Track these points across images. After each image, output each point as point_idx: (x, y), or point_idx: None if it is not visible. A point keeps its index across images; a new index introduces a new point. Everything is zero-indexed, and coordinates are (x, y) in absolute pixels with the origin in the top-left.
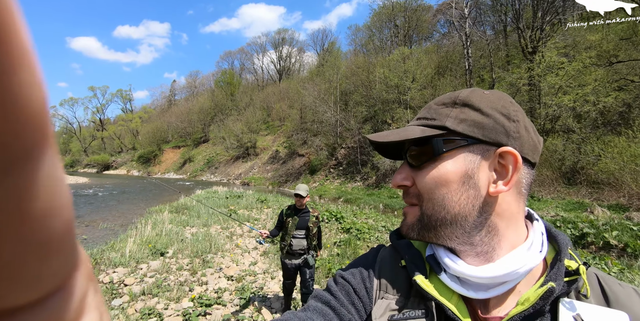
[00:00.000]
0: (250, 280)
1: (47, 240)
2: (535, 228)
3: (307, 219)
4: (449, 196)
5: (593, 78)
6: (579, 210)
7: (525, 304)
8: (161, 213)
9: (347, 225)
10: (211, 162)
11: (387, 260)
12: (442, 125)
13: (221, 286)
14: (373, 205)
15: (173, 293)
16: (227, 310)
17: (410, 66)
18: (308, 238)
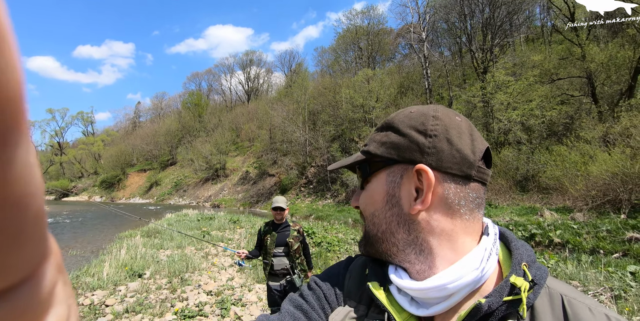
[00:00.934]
0: (228, 293)
1: (18, 227)
2: (481, 244)
3: (286, 234)
4: (377, 214)
5: (539, 94)
6: (530, 214)
7: (459, 317)
8: (133, 238)
9: (318, 240)
10: (179, 185)
11: (357, 269)
12: (367, 150)
13: (201, 301)
14: (343, 221)
15: (156, 309)
16: (210, 320)
17: (374, 86)
18: (289, 255)
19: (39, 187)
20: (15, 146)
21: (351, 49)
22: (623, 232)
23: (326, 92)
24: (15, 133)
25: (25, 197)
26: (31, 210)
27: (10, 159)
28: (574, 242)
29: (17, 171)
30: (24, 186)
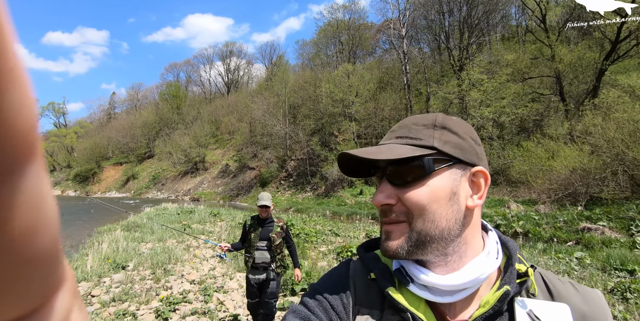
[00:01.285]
0: (211, 282)
1: (30, 257)
2: (491, 237)
3: (270, 229)
4: (439, 211)
5: (511, 92)
6: (499, 206)
7: (486, 306)
8: (113, 232)
9: (296, 231)
10: (157, 178)
11: (359, 275)
12: (431, 145)
13: (185, 289)
14: (322, 213)
15: (142, 297)
16: (194, 305)
17: (353, 81)
18: (271, 250)
19: (51, 216)
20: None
21: (332, 43)
22: (577, 222)
23: (307, 86)
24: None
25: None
26: (43, 240)
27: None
28: (534, 232)
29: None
30: (35, 216)
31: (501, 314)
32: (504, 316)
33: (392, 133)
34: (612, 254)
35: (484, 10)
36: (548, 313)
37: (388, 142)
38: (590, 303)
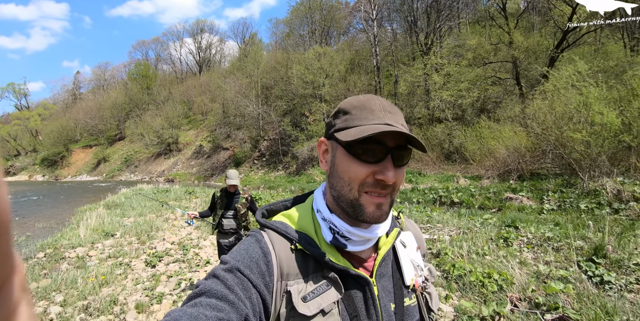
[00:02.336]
0: (188, 242)
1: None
2: None
3: (236, 200)
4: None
5: (472, 76)
6: (449, 181)
7: (387, 244)
8: (96, 210)
9: (263, 203)
10: (130, 160)
11: (280, 247)
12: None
13: (167, 247)
14: (290, 189)
15: (132, 254)
16: (175, 257)
17: (324, 64)
18: (236, 218)
19: (4, 204)
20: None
21: (305, 23)
22: (503, 193)
23: (279, 66)
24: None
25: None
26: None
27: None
28: (467, 201)
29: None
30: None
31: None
32: (390, 248)
33: (395, 117)
34: (511, 216)
35: None
36: (405, 238)
37: (401, 128)
38: (416, 227)
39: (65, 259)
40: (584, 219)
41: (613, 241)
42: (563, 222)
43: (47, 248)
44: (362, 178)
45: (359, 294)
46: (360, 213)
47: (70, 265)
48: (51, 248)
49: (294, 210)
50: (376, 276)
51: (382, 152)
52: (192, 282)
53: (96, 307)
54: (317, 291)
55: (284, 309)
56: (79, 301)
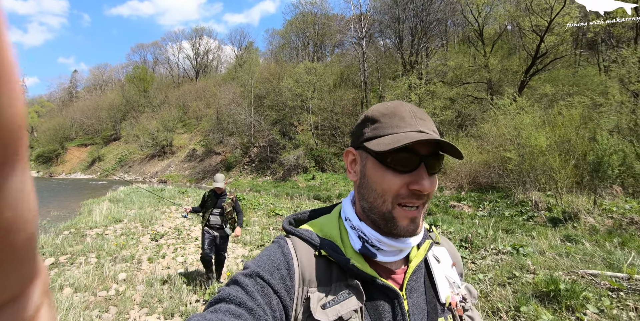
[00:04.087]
0: (181, 227)
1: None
2: None
3: (222, 200)
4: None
5: (452, 94)
6: None
7: (419, 257)
8: (101, 203)
9: (246, 202)
10: (124, 160)
11: (303, 254)
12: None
13: (165, 230)
14: (273, 193)
15: (139, 233)
16: (171, 236)
17: (312, 78)
18: (222, 215)
19: (31, 214)
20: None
21: (299, 37)
22: (449, 201)
23: (271, 78)
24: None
25: (18, 222)
26: (23, 234)
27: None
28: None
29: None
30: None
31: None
32: (422, 262)
33: (426, 124)
34: (440, 218)
35: (433, 18)
36: (439, 253)
37: (433, 134)
38: (451, 245)
39: (87, 236)
40: (499, 223)
41: (475, 234)
42: (477, 224)
43: (70, 228)
44: (396, 190)
45: (387, 307)
46: (394, 227)
47: (92, 239)
48: (73, 229)
49: (321, 219)
50: (406, 289)
51: (416, 160)
52: (184, 249)
53: (121, 259)
54: (338, 300)
55: (301, 315)
56: (107, 256)
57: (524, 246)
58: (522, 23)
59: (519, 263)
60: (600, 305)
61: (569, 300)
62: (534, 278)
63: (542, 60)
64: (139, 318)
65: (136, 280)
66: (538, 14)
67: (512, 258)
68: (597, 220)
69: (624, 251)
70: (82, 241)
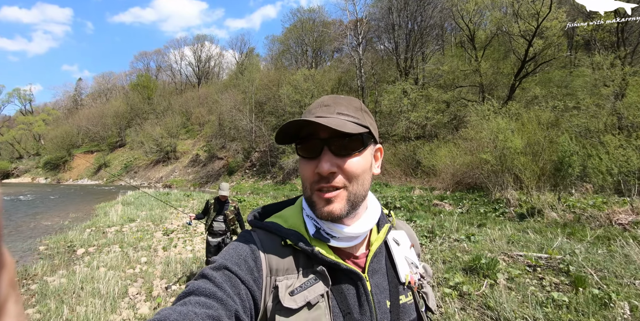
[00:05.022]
0: (187, 225)
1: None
2: (370, 194)
3: (226, 207)
4: (367, 177)
5: (449, 96)
6: (407, 191)
7: (378, 241)
8: (114, 206)
9: (246, 203)
10: (129, 166)
11: (269, 245)
12: (366, 125)
13: (175, 227)
14: (272, 195)
15: (152, 230)
16: (180, 231)
17: (310, 85)
18: (225, 222)
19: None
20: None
21: (297, 44)
22: (432, 200)
23: (271, 85)
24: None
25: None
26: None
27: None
28: (405, 206)
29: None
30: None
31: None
32: (382, 245)
33: (330, 108)
34: (419, 214)
35: (427, 24)
36: (399, 237)
37: (333, 116)
38: (409, 228)
39: (107, 232)
40: (474, 218)
41: (440, 227)
42: (448, 219)
43: (91, 227)
44: (309, 176)
45: (352, 290)
46: (315, 210)
47: (113, 235)
48: (94, 227)
49: (285, 211)
50: (368, 272)
51: (318, 145)
52: (192, 241)
53: (140, 248)
54: (305, 286)
55: (270, 303)
56: (128, 247)
57: (475, 235)
58: (511, 28)
59: (466, 247)
60: (509, 275)
61: (486, 271)
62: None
63: (531, 64)
64: (160, 285)
65: (155, 261)
66: (525, 20)
67: (463, 244)
68: (559, 214)
69: (567, 240)
70: (104, 237)
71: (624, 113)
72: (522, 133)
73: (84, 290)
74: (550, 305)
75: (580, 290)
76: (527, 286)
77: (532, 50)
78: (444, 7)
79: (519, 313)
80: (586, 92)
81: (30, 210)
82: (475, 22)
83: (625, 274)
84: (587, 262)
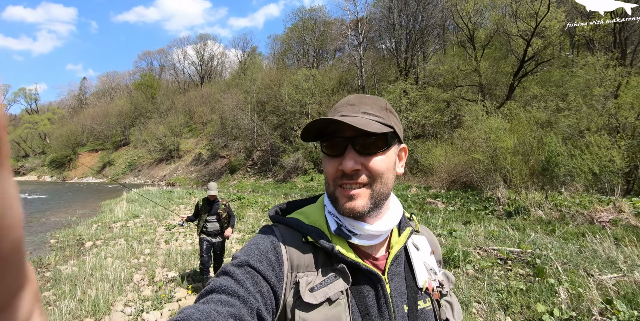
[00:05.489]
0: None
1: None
2: (392, 195)
3: (217, 207)
4: (390, 176)
5: (449, 95)
6: (405, 190)
7: (400, 243)
8: (120, 203)
9: (245, 201)
10: (133, 165)
11: (290, 240)
12: (390, 125)
13: (176, 223)
14: (271, 193)
15: (155, 225)
16: (179, 227)
17: (310, 85)
18: (220, 221)
19: (15, 219)
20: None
21: (299, 44)
22: (426, 198)
23: (272, 84)
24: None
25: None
26: (8, 242)
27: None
28: None
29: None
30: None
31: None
32: (402, 249)
33: (355, 107)
34: (411, 211)
35: (427, 24)
36: (419, 242)
37: (358, 115)
38: (430, 234)
39: (113, 227)
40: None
41: (427, 223)
42: (436, 216)
43: (98, 222)
44: (333, 173)
45: (371, 291)
46: (337, 206)
47: (118, 229)
48: (100, 222)
49: (307, 208)
50: (388, 274)
51: (342, 143)
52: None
53: (143, 241)
54: (325, 282)
55: (290, 298)
56: (133, 240)
57: (456, 231)
58: (509, 28)
59: (443, 241)
60: (479, 266)
61: (458, 262)
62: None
63: (531, 63)
64: (162, 273)
65: (158, 253)
66: (524, 20)
67: (442, 238)
68: (546, 212)
69: (547, 236)
70: (110, 231)
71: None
72: (513, 133)
73: (93, 276)
74: (506, 292)
75: (538, 280)
76: (493, 276)
77: (531, 50)
78: (445, 7)
79: (475, 297)
80: (577, 92)
81: (39, 207)
82: (474, 22)
83: (588, 267)
84: (556, 256)
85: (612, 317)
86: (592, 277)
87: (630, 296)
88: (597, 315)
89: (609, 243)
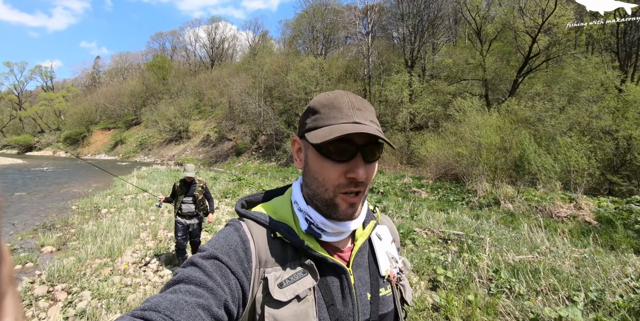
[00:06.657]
0: None
1: None
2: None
3: (194, 189)
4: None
5: (454, 88)
6: (398, 179)
7: (364, 236)
8: (131, 179)
9: (244, 182)
10: (144, 144)
11: (259, 236)
12: (381, 132)
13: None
14: (271, 175)
15: None
16: None
17: (316, 73)
18: (195, 203)
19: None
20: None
21: (308, 31)
22: (411, 188)
23: (279, 70)
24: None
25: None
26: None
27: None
28: (386, 191)
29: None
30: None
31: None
32: (367, 240)
33: (363, 113)
34: (391, 198)
35: (436, 15)
36: (381, 231)
37: (368, 124)
38: (391, 222)
39: (124, 199)
40: (442, 204)
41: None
42: (411, 204)
43: (111, 194)
44: (335, 179)
45: (336, 282)
46: (334, 212)
47: (129, 200)
48: (113, 194)
49: (273, 201)
50: (352, 265)
51: (352, 150)
52: None
53: (150, 210)
54: (294, 278)
55: (260, 294)
56: (141, 209)
57: (417, 215)
58: (516, 24)
59: (395, 221)
60: (419, 243)
61: (402, 238)
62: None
63: (536, 60)
64: (163, 233)
65: (161, 219)
66: (530, 16)
67: (399, 220)
68: (515, 205)
69: (502, 226)
70: (122, 202)
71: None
72: (499, 130)
73: (109, 233)
74: (425, 260)
75: (457, 253)
76: (424, 250)
77: (537, 47)
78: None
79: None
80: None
81: (57, 180)
82: (482, 15)
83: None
84: (492, 239)
85: (494, 281)
86: (504, 255)
87: (521, 269)
88: (483, 279)
89: (543, 234)
